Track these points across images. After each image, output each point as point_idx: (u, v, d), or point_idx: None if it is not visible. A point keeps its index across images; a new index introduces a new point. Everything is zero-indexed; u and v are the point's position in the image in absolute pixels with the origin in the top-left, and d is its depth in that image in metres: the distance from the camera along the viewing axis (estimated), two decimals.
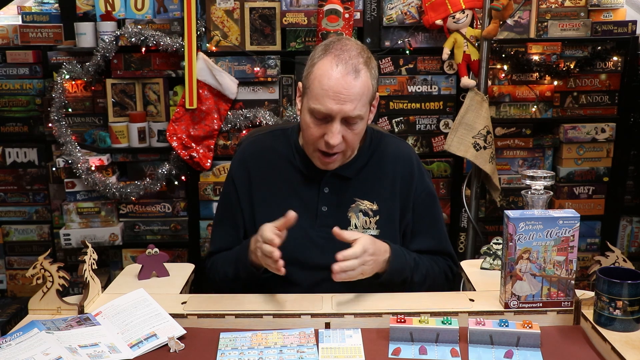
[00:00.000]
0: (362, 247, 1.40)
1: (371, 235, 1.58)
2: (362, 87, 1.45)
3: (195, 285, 1.72)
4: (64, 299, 1.41)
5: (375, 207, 1.60)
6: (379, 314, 1.37)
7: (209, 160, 2.73)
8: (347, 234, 1.43)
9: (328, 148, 1.49)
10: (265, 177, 1.64)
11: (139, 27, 2.62)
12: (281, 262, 1.39)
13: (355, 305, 1.41)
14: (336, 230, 1.42)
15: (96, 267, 1.47)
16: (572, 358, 1.23)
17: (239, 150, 1.74)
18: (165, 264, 1.65)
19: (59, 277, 1.39)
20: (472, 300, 1.42)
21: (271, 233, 1.40)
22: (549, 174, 1.48)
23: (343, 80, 1.43)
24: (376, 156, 1.64)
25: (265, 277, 1.52)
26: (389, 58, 2.69)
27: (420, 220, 1.65)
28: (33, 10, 3.00)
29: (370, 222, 1.59)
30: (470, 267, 1.68)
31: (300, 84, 1.56)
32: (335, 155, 1.51)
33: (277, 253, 1.38)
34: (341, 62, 1.44)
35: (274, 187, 1.62)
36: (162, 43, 2.61)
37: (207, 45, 2.66)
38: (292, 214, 1.41)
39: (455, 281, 1.71)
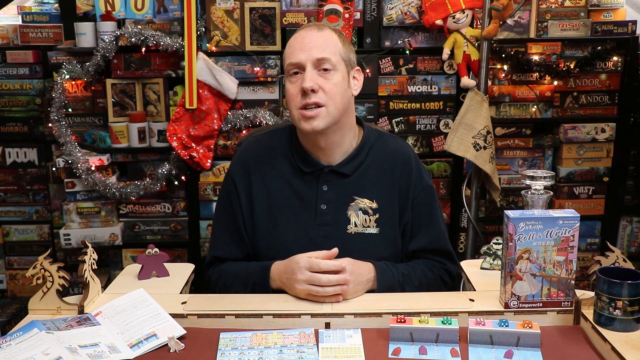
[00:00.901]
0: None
1: (371, 233, 1.59)
2: (327, 37, 1.56)
3: (195, 285, 1.72)
4: (64, 299, 1.41)
5: (374, 205, 1.60)
6: (379, 314, 1.37)
7: (209, 160, 2.73)
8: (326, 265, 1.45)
9: (305, 97, 1.51)
10: (264, 176, 1.64)
11: (139, 27, 2.62)
12: (345, 288, 1.44)
13: (355, 305, 1.41)
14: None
15: (96, 267, 1.47)
16: (572, 358, 1.23)
17: (239, 151, 1.74)
18: (165, 264, 1.65)
19: (59, 277, 1.39)
20: (472, 300, 1.42)
21: (324, 262, 1.44)
22: (549, 174, 1.48)
23: (307, 34, 1.56)
24: (375, 154, 1.64)
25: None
26: (389, 58, 2.69)
27: (418, 218, 1.65)
28: (33, 10, 3.00)
29: (369, 220, 1.60)
30: (470, 267, 1.68)
31: None
32: (316, 109, 1.51)
33: (348, 279, 1.44)
34: (306, 27, 1.59)
35: (273, 186, 1.63)
36: (162, 43, 2.61)
37: (207, 45, 2.67)
38: (334, 250, 1.48)
39: (455, 282, 1.71)
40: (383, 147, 1.66)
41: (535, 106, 2.77)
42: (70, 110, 2.77)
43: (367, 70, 2.67)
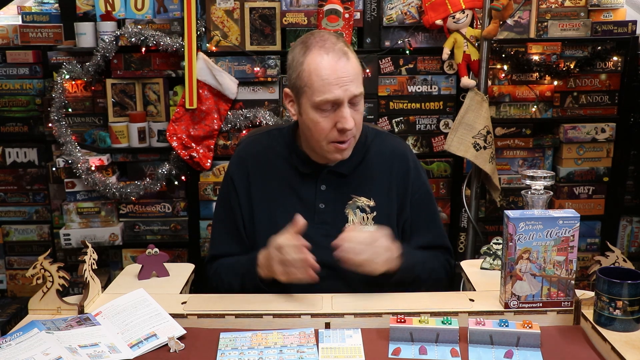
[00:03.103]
0: (372, 236, 1.43)
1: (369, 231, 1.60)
2: (355, 66, 1.50)
3: (195, 285, 1.72)
4: (64, 299, 1.41)
5: (372, 203, 1.61)
6: (379, 314, 1.37)
7: (209, 160, 2.73)
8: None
9: (342, 135, 1.50)
10: (263, 175, 1.65)
11: (139, 27, 2.62)
12: (316, 267, 1.41)
13: (355, 305, 1.41)
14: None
15: (96, 267, 1.47)
16: (572, 358, 1.23)
17: (237, 150, 1.75)
18: (165, 264, 1.65)
19: (59, 277, 1.39)
20: (472, 300, 1.42)
21: (293, 240, 1.41)
22: (549, 174, 1.48)
23: (338, 65, 1.47)
24: (372, 153, 1.65)
25: (272, 288, 1.53)
26: (389, 58, 2.69)
27: (418, 216, 1.66)
28: (33, 10, 2.99)
29: (367, 218, 1.61)
30: (470, 267, 1.68)
31: (287, 90, 1.57)
32: (349, 140, 1.53)
33: (311, 259, 1.40)
34: (329, 51, 1.48)
35: (272, 186, 1.63)
36: (162, 43, 2.61)
37: (207, 45, 2.67)
38: (301, 221, 1.43)
39: (453, 278, 1.71)
40: (380, 146, 1.67)
41: (535, 106, 2.77)
42: (70, 110, 2.77)
43: (367, 70, 2.67)
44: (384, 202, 1.62)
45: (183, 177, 2.79)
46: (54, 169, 2.83)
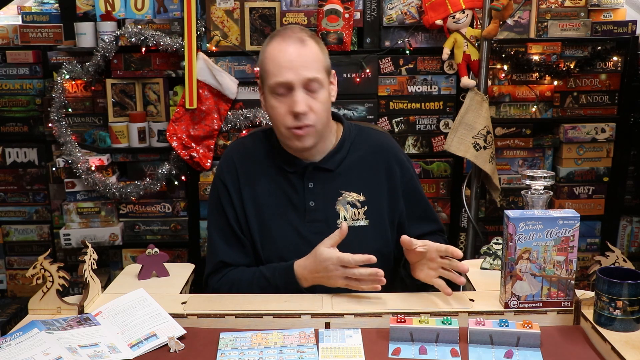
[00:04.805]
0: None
1: (361, 226, 1.61)
2: (313, 53, 1.52)
3: (195, 285, 1.72)
4: (64, 299, 1.41)
5: (362, 198, 1.61)
6: (379, 314, 1.37)
7: (209, 160, 2.73)
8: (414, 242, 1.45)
9: (297, 120, 1.51)
10: (251, 178, 1.64)
11: (139, 27, 2.62)
12: (382, 282, 1.42)
13: (355, 305, 1.41)
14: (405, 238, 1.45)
15: (96, 267, 1.47)
16: (572, 358, 1.23)
17: (225, 155, 1.73)
18: (165, 264, 1.65)
19: (59, 277, 1.39)
20: (472, 300, 1.42)
21: (355, 256, 1.42)
22: (549, 174, 1.48)
23: (292, 50, 1.51)
24: (357, 147, 1.66)
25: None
26: (389, 58, 2.69)
27: (416, 207, 1.68)
28: (33, 10, 3.00)
29: (358, 213, 1.61)
30: (470, 267, 1.67)
31: (258, 82, 1.62)
32: (307, 127, 1.52)
33: (381, 272, 1.41)
34: (286, 38, 1.53)
35: (261, 187, 1.63)
36: (162, 43, 2.61)
37: (207, 45, 2.67)
38: (345, 227, 1.44)
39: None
40: (365, 142, 1.67)
41: (535, 106, 2.77)
42: (70, 110, 2.77)
43: (367, 70, 2.67)
44: (373, 196, 1.62)
45: (183, 177, 2.79)
46: (54, 169, 2.83)
